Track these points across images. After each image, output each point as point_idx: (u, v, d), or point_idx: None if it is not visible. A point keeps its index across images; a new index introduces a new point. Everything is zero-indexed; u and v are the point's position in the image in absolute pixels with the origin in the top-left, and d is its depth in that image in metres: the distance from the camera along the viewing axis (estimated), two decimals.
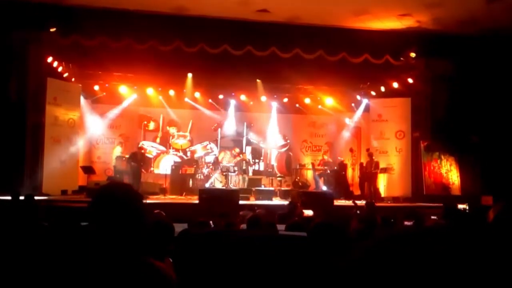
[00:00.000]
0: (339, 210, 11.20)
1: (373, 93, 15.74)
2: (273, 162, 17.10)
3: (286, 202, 10.86)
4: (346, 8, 11.06)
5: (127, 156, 13.77)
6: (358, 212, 7.48)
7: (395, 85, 14.45)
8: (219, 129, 17.01)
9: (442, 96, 13.04)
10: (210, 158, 15.97)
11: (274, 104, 16.93)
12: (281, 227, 5.14)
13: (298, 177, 15.65)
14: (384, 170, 14.00)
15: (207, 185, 14.60)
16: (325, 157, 15.78)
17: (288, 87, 16.54)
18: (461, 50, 12.13)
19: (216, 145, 16.72)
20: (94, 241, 1.74)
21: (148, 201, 11.54)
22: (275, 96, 16.82)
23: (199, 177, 15.05)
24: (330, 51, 12.24)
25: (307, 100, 16.89)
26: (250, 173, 15.58)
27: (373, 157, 13.98)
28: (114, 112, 15.81)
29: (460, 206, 9.52)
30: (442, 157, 13.82)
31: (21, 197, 8.17)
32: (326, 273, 2.46)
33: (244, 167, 15.08)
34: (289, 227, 5.40)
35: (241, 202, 11.41)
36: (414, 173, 14.08)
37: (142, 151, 13.99)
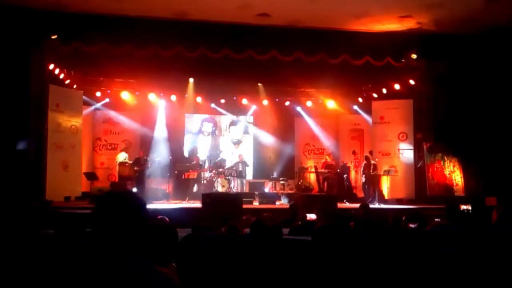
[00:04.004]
0: (342, 213, 11.17)
1: (375, 95, 15.74)
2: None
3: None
4: (347, 11, 11.06)
5: (130, 161, 13.79)
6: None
7: (397, 86, 14.45)
8: (221, 134, 17.07)
9: (444, 97, 13.02)
10: (213, 163, 15.99)
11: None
12: (285, 231, 5.13)
13: (301, 180, 15.64)
14: (388, 172, 13.98)
15: (210, 189, 14.60)
16: (328, 159, 15.76)
17: (290, 90, 16.59)
18: (463, 51, 12.11)
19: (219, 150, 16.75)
20: (97, 248, 1.74)
21: (151, 206, 11.55)
22: (277, 99, 16.86)
23: (202, 182, 15.06)
24: (331, 54, 12.24)
25: (309, 103, 16.91)
26: (249, 176, 15.64)
27: (371, 161, 13.92)
28: (116, 118, 15.88)
29: (464, 207, 9.49)
30: (445, 158, 13.77)
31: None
32: (331, 276, 2.46)
33: (240, 169, 15.11)
34: (292, 231, 5.40)
35: (244, 206, 11.40)
36: (418, 175, 14.05)
37: (145, 157, 13.99)
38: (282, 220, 7.27)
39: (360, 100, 16.43)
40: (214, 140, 17.13)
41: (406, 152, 14.41)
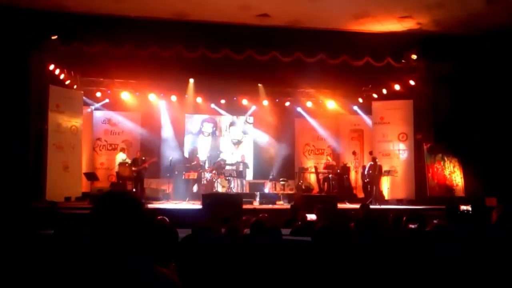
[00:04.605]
0: (342, 214, 11.16)
1: (375, 95, 15.74)
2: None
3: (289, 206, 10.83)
4: (347, 12, 11.06)
5: (129, 162, 13.77)
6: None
7: (397, 87, 14.45)
8: (221, 134, 17.08)
9: (445, 97, 13.01)
10: (213, 163, 15.98)
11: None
12: (285, 231, 5.14)
13: (301, 181, 15.62)
14: (388, 173, 13.97)
15: (210, 190, 14.59)
16: (330, 159, 15.74)
17: (290, 90, 16.59)
18: (463, 51, 12.11)
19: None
20: (97, 248, 1.74)
21: (151, 206, 11.54)
22: (277, 100, 16.85)
23: (203, 182, 15.05)
24: (331, 55, 12.24)
25: (309, 104, 16.91)
26: (249, 176, 15.62)
27: (376, 161, 13.93)
28: (116, 119, 15.89)
29: (464, 208, 9.49)
30: (446, 158, 13.77)
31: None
32: (331, 277, 2.45)
33: (241, 169, 15.11)
34: (293, 232, 5.40)
35: (244, 206, 11.40)
36: (418, 175, 14.04)
37: (143, 157, 13.96)
38: (283, 221, 7.28)
39: (360, 100, 16.42)
40: (214, 141, 17.13)
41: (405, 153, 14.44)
